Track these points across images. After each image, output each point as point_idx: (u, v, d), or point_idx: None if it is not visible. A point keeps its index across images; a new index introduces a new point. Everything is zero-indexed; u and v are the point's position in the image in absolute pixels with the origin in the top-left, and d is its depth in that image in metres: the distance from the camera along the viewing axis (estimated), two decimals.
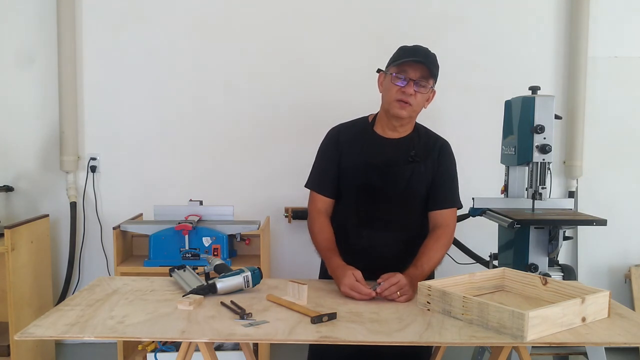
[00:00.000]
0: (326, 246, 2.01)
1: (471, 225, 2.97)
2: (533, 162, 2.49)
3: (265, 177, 3.59)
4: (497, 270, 1.94)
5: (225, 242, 2.83)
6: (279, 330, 1.51)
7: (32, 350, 3.01)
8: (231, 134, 3.58)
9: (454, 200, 2.10)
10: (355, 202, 2.07)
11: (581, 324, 1.56)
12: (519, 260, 2.51)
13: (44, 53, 3.47)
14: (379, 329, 1.53)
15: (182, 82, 3.55)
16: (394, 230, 2.05)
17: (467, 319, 1.57)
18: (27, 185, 3.54)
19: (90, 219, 3.57)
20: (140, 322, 1.56)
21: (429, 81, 1.95)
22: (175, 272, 2.01)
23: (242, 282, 1.85)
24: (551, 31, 3.61)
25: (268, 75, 3.55)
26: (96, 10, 3.50)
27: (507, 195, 2.77)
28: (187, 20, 3.52)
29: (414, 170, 2.03)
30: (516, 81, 2.91)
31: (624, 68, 3.59)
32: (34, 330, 1.49)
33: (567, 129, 3.59)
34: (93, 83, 3.53)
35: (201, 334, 1.49)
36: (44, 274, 3.19)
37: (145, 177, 3.56)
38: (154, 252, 2.82)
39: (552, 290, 1.77)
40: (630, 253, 3.62)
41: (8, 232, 2.77)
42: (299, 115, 3.54)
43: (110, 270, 3.45)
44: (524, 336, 1.43)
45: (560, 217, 2.52)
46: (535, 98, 2.49)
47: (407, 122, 2.04)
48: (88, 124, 3.55)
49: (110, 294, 1.83)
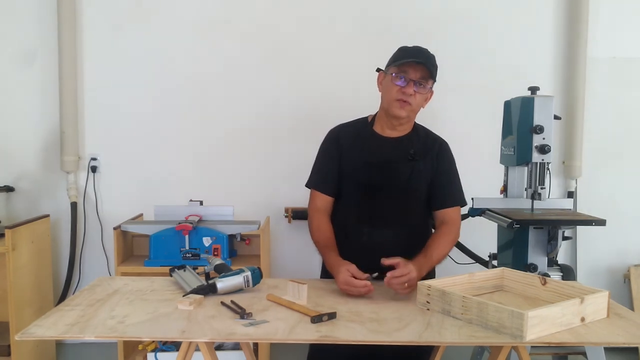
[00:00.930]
0: (324, 244, 2.03)
1: (471, 225, 2.96)
2: (532, 162, 2.49)
3: (265, 177, 3.59)
4: (496, 270, 1.94)
5: (225, 242, 2.84)
6: (279, 330, 1.51)
7: (32, 350, 3.02)
8: (231, 134, 3.58)
9: (458, 198, 2.12)
10: (356, 200, 2.08)
11: (580, 324, 1.56)
12: (518, 260, 2.52)
13: (44, 53, 3.47)
14: (378, 329, 1.53)
15: (182, 82, 3.55)
16: (394, 228, 2.07)
17: (466, 319, 1.58)
18: (27, 186, 3.54)
19: (91, 219, 3.57)
20: (141, 322, 1.57)
21: (429, 82, 1.97)
22: (175, 272, 2.01)
23: (242, 282, 1.85)
24: (551, 31, 3.61)
25: (268, 76, 3.55)
26: (96, 10, 3.50)
27: (506, 195, 2.77)
28: (187, 20, 3.52)
29: (414, 168, 2.05)
30: (516, 81, 2.91)
31: (624, 68, 3.59)
32: (35, 331, 1.50)
33: (566, 130, 3.59)
34: (93, 83, 3.53)
35: (201, 334, 1.49)
36: (44, 274, 3.19)
37: (146, 177, 3.56)
38: (154, 252, 2.82)
39: (551, 290, 1.77)
40: (630, 253, 3.62)
41: (9, 232, 2.77)
42: (299, 116, 3.54)
43: (110, 270, 3.45)
44: (523, 336, 1.43)
45: (560, 217, 2.53)
46: (535, 98, 2.49)
47: (406, 121, 2.06)
48: (88, 124, 3.55)
49: (111, 294, 1.84)
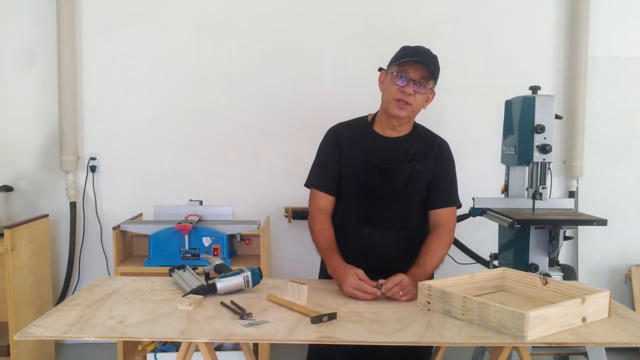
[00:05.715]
0: (326, 245, 2.01)
1: (471, 225, 2.97)
2: (533, 162, 2.49)
3: (265, 177, 3.59)
4: (497, 270, 1.94)
5: (225, 242, 2.83)
6: (279, 330, 1.51)
7: (31, 350, 3.01)
8: (231, 134, 3.57)
9: (453, 199, 2.10)
10: (355, 200, 2.07)
11: (581, 324, 1.56)
12: (519, 260, 2.51)
13: (44, 53, 3.47)
14: (379, 329, 1.53)
15: (181, 82, 3.54)
16: (393, 228, 2.06)
17: (467, 319, 1.57)
18: (27, 185, 3.54)
19: (90, 219, 3.57)
20: (140, 322, 1.56)
21: (429, 82, 1.96)
22: (175, 272, 2.00)
23: (242, 282, 1.85)
24: (551, 31, 3.61)
25: (268, 75, 3.55)
26: (96, 10, 3.49)
27: (507, 195, 2.77)
28: (186, 20, 3.52)
29: (413, 168, 2.04)
30: (516, 81, 2.90)
31: (624, 68, 3.59)
32: (34, 331, 1.49)
33: (567, 129, 3.59)
34: (93, 83, 3.53)
35: (201, 334, 1.49)
36: (43, 273, 3.19)
37: (145, 177, 3.56)
38: (154, 252, 2.82)
39: (553, 290, 1.76)
40: (631, 253, 3.62)
41: (8, 232, 2.77)
42: (299, 115, 3.53)
43: (110, 270, 3.45)
44: (524, 336, 1.42)
45: (561, 217, 2.52)
46: (536, 98, 2.49)
47: (405, 121, 2.05)
48: (88, 124, 3.55)
49: (110, 294, 1.83)
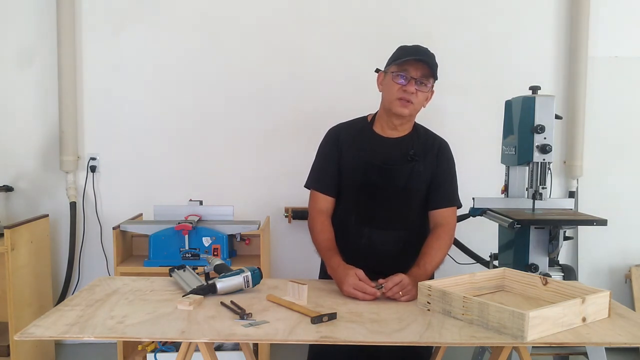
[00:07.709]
0: (326, 246, 2.01)
1: (471, 225, 2.96)
2: (533, 162, 2.49)
3: (265, 177, 3.59)
4: (497, 270, 1.94)
5: (225, 242, 2.83)
6: (279, 331, 1.51)
7: (31, 350, 3.01)
8: (231, 134, 3.57)
9: (453, 199, 2.10)
10: (355, 200, 2.07)
11: (581, 324, 1.56)
12: (519, 260, 2.51)
13: (44, 53, 3.47)
14: (379, 329, 1.53)
15: (182, 82, 3.54)
16: (394, 228, 2.06)
17: (467, 319, 1.57)
18: (26, 185, 3.54)
19: (90, 219, 3.57)
20: (140, 322, 1.56)
21: (430, 80, 1.96)
22: (175, 272, 2.00)
23: (242, 282, 1.85)
24: (551, 31, 3.61)
25: (268, 76, 3.55)
26: (96, 10, 3.49)
27: (507, 195, 2.77)
28: (187, 20, 3.52)
29: (413, 168, 2.04)
30: (516, 81, 2.91)
31: (624, 68, 3.59)
32: (34, 331, 1.49)
33: (567, 129, 3.59)
34: (93, 83, 3.53)
35: (201, 334, 1.49)
36: (43, 274, 3.19)
37: (145, 177, 3.56)
38: (154, 252, 2.82)
39: (553, 291, 1.76)
40: (631, 253, 3.62)
41: (8, 232, 2.77)
42: (299, 116, 3.53)
43: (110, 270, 3.45)
44: (524, 336, 1.42)
45: (561, 217, 2.52)
46: (536, 98, 2.49)
47: (407, 120, 2.04)
48: (88, 124, 3.55)
49: (110, 294, 1.83)
